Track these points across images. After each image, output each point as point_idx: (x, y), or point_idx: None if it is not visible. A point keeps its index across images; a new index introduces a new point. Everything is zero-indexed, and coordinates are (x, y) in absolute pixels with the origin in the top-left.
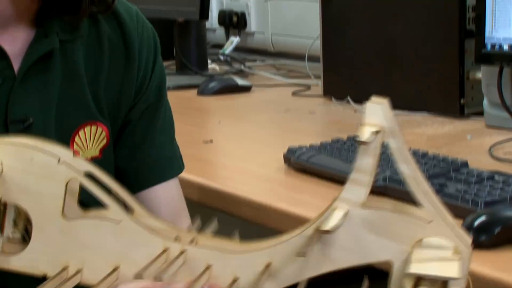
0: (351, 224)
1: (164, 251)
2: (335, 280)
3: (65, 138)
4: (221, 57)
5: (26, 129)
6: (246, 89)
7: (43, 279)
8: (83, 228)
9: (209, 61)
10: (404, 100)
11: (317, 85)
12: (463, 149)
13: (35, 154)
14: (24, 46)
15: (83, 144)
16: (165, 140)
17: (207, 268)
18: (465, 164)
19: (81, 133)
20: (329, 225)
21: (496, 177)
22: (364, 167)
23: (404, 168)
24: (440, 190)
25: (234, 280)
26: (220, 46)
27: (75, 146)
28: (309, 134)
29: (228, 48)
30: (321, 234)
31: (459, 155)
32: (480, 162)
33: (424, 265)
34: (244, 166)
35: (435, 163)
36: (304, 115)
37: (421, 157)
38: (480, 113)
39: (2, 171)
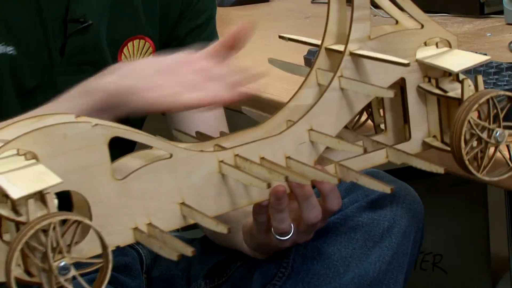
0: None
1: (221, 161)
2: None
3: (115, 47)
4: None
5: (83, 29)
6: None
7: None
8: (138, 180)
9: None
10: (423, 1)
11: None
12: (483, 45)
13: (66, 129)
14: None
15: (130, 56)
16: None
17: (262, 158)
18: (488, 61)
19: (129, 45)
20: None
21: None
22: (363, 2)
23: None
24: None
25: (287, 158)
26: None
27: (122, 57)
28: None
29: None
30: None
31: (478, 51)
32: (500, 56)
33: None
34: (266, 70)
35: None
36: (323, 21)
37: None
38: (500, 12)
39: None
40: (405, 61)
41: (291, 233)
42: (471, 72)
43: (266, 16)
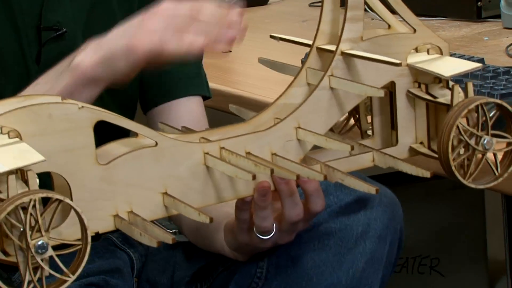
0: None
1: (206, 153)
2: None
3: None
4: None
5: (57, 37)
6: (262, 2)
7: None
8: (121, 166)
9: None
10: (421, 5)
11: None
12: (480, 49)
13: (52, 109)
14: None
15: None
16: (190, 60)
17: (248, 153)
18: (481, 61)
19: None
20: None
21: None
22: (356, 3)
23: None
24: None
25: (273, 155)
26: None
27: None
28: None
29: None
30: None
31: (476, 55)
32: (497, 60)
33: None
34: (262, 73)
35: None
36: None
37: None
38: (497, 16)
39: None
40: (397, 61)
41: (273, 233)
42: (468, 76)
43: (263, 19)
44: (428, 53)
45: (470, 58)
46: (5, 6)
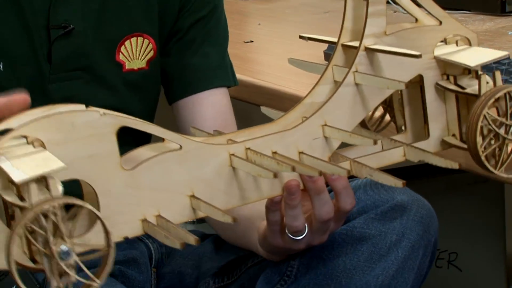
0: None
1: (232, 155)
2: None
3: (110, 47)
4: None
5: (66, 34)
6: None
7: None
8: (146, 171)
9: None
10: None
11: None
12: (504, 44)
13: (74, 117)
14: None
15: (129, 55)
16: (214, 51)
17: (274, 153)
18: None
19: (127, 43)
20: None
21: None
22: None
23: None
24: None
25: (300, 153)
26: None
27: (121, 56)
28: None
29: None
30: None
31: (499, 49)
32: None
33: (448, 54)
34: (284, 64)
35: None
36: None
37: None
38: None
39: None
40: (417, 53)
41: (305, 233)
42: (493, 70)
43: (284, 10)
44: (457, 45)
45: None
46: (16, 7)
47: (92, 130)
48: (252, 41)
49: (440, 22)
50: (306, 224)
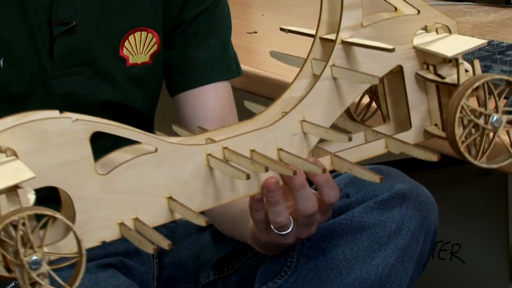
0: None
1: (209, 155)
2: None
3: (113, 42)
4: None
5: (68, 31)
6: None
7: None
8: (122, 175)
9: None
10: None
11: None
12: (508, 35)
13: (46, 125)
14: None
15: (133, 50)
16: (217, 43)
17: (253, 151)
18: (510, 47)
19: (130, 38)
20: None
21: None
22: None
23: None
24: (485, 72)
25: (279, 150)
26: None
27: (124, 51)
28: None
29: None
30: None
31: (504, 40)
32: None
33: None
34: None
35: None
36: None
37: None
38: None
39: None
40: (390, 47)
41: (291, 228)
42: (481, 60)
43: (288, 0)
44: (437, 33)
45: (499, 44)
46: (18, 4)
47: (64, 137)
48: (255, 32)
49: (418, 11)
50: (291, 218)
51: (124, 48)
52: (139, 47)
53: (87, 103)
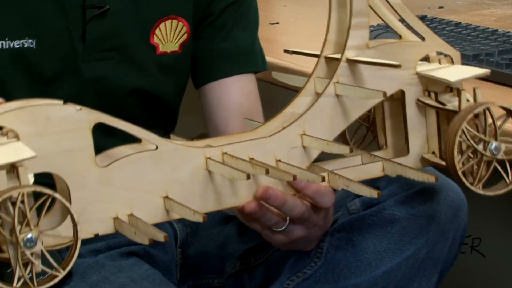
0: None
1: (208, 158)
2: None
3: (145, 29)
4: None
5: (101, 14)
6: None
7: None
8: (120, 169)
9: None
10: None
11: None
12: None
13: (50, 111)
14: None
15: (163, 37)
16: (244, 36)
17: (252, 159)
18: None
19: (161, 26)
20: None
21: None
22: (361, 9)
23: None
24: (509, 65)
25: (277, 161)
26: None
27: (155, 38)
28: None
29: None
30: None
31: None
32: None
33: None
34: (310, 46)
35: (504, 39)
36: None
37: (491, 34)
38: None
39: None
40: (396, 63)
41: (286, 224)
42: (505, 53)
43: None
44: (440, 63)
45: None
46: None
47: (67, 125)
48: (277, 23)
49: (423, 38)
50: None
51: (154, 35)
52: (169, 35)
53: (116, 89)
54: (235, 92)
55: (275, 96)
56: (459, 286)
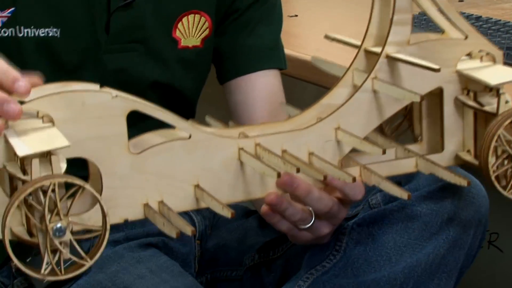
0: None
1: (241, 149)
2: None
3: (167, 22)
4: None
5: (126, 6)
6: None
7: None
8: (153, 157)
9: None
10: None
11: None
12: None
13: (86, 97)
14: None
15: (185, 32)
16: (269, 32)
17: (284, 151)
18: None
19: (184, 20)
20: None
21: None
22: (404, 6)
23: None
24: None
25: (310, 154)
26: None
27: (177, 32)
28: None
29: None
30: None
31: None
32: None
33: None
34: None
35: None
36: None
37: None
38: None
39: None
40: (436, 66)
41: (312, 221)
42: None
43: None
44: (481, 60)
45: None
46: None
47: (102, 111)
48: (296, 15)
49: (466, 37)
50: (311, 212)
51: (177, 29)
52: (191, 30)
53: (138, 81)
54: (260, 87)
55: (294, 88)
56: (477, 281)
